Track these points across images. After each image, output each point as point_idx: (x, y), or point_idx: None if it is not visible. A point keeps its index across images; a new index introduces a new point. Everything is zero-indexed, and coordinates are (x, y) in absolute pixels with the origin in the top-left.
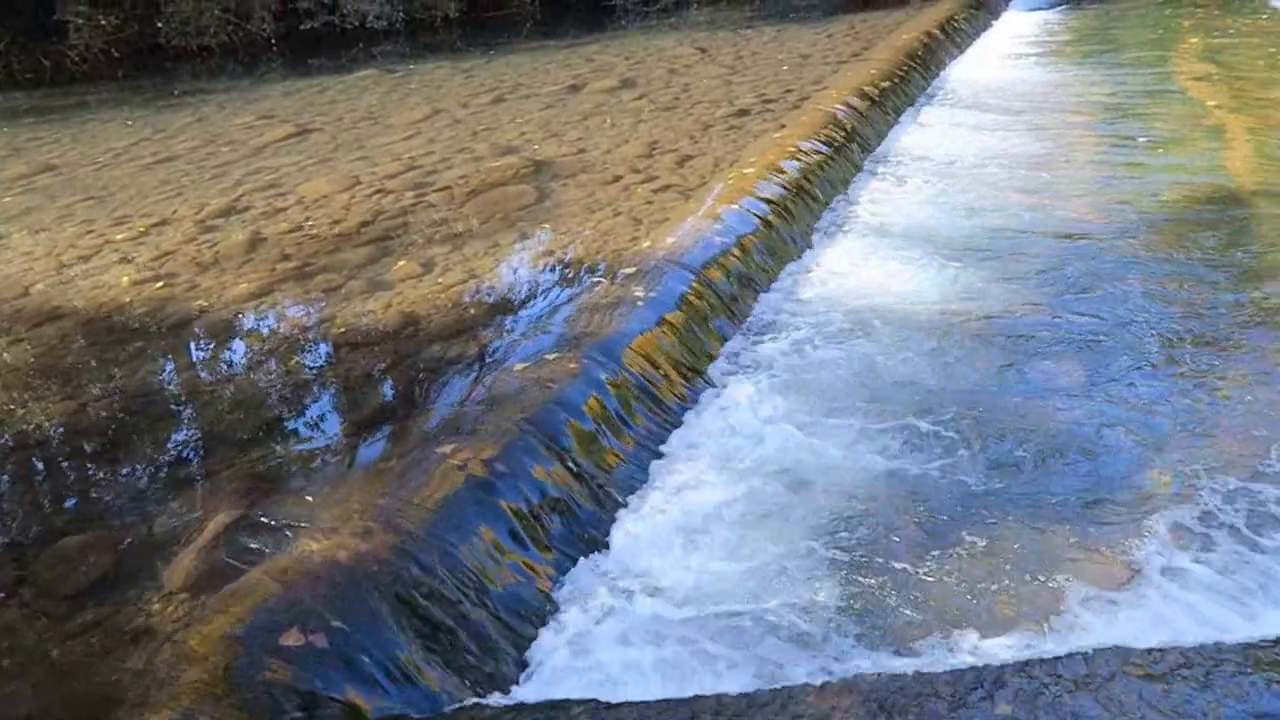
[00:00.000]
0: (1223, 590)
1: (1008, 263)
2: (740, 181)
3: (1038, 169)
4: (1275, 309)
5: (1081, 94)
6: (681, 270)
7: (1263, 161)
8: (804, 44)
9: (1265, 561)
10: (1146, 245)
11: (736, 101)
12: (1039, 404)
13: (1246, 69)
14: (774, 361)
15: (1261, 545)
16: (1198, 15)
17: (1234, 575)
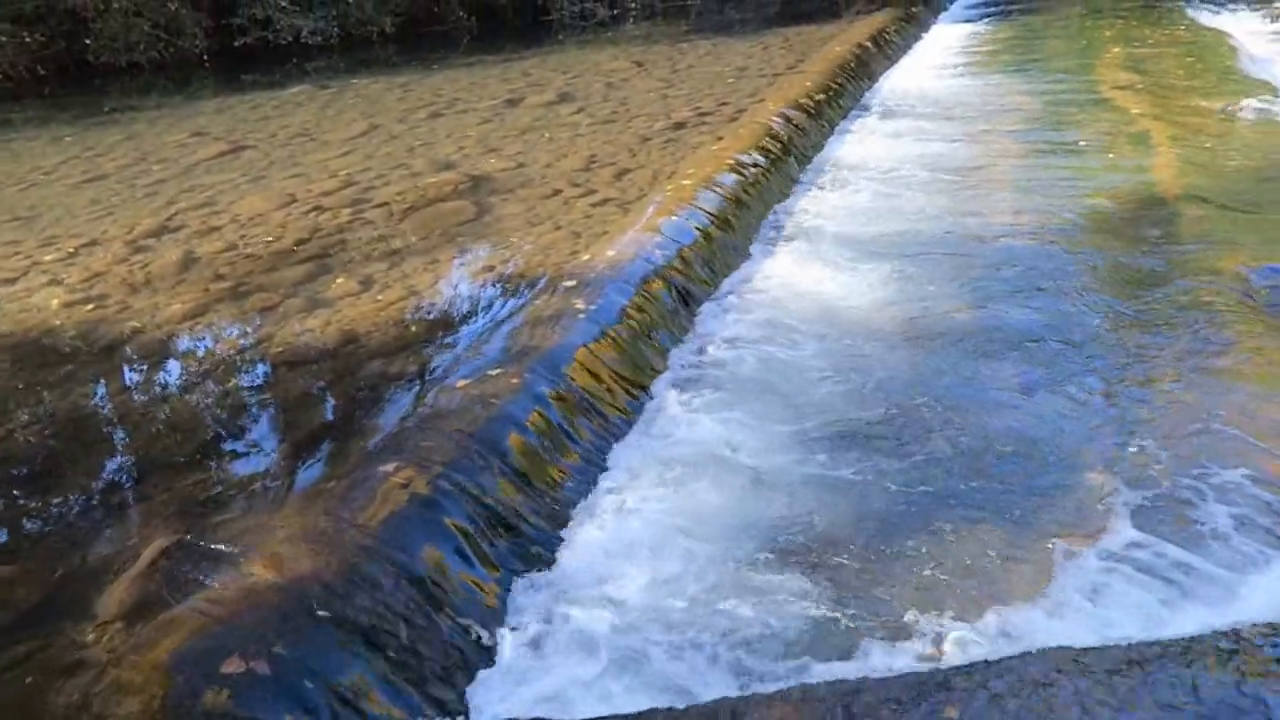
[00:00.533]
0: (1158, 586)
1: (943, 267)
2: (679, 194)
3: (970, 176)
4: (1202, 308)
5: (1010, 102)
6: (622, 283)
7: (1185, 167)
8: (739, 57)
9: (1197, 558)
10: (1077, 247)
11: (674, 115)
12: (978, 404)
13: (1167, 78)
14: (716, 372)
15: (1194, 541)
16: (1119, 26)
17: (1169, 572)
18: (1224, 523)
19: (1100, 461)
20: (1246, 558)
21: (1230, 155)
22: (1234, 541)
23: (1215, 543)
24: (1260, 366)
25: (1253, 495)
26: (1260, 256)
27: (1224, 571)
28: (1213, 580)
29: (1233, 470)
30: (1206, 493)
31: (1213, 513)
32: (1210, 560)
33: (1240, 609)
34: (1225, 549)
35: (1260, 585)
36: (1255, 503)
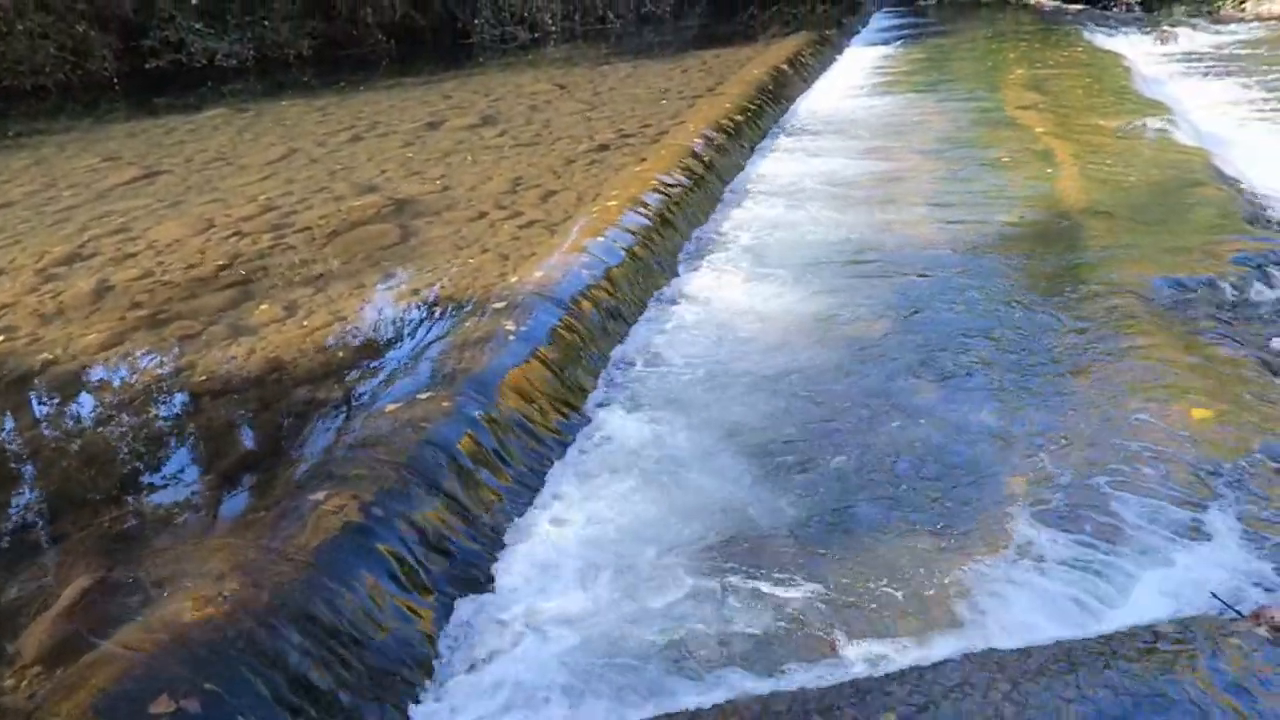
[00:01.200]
0: (1077, 590)
1: (862, 281)
2: (604, 214)
3: (887, 192)
4: (1108, 317)
5: (922, 122)
6: (551, 304)
7: (1087, 183)
8: (660, 79)
9: (1112, 562)
10: (989, 260)
11: (597, 136)
12: (895, 411)
13: (1068, 98)
14: (646, 390)
15: (1108, 547)
16: (1022, 48)
17: (1085, 576)
18: (1132, 521)
19: (1014, 466)
20: (1154, 554)
21: (1129, 172)
22: (1141, 539)
23: (1124, 540)
24: (1163, 373)
25: (1158, 494)
26: (1161, 268)
27: (1133, 568)
28: (1124, 577)
29: (1138, 470)
30: (1115, 493)
31: (1121, 512)
32: (1120, 558)
33: (1150, 604)
34: (1133, 547)
35: (1168, 578)
36: (1160, 501)
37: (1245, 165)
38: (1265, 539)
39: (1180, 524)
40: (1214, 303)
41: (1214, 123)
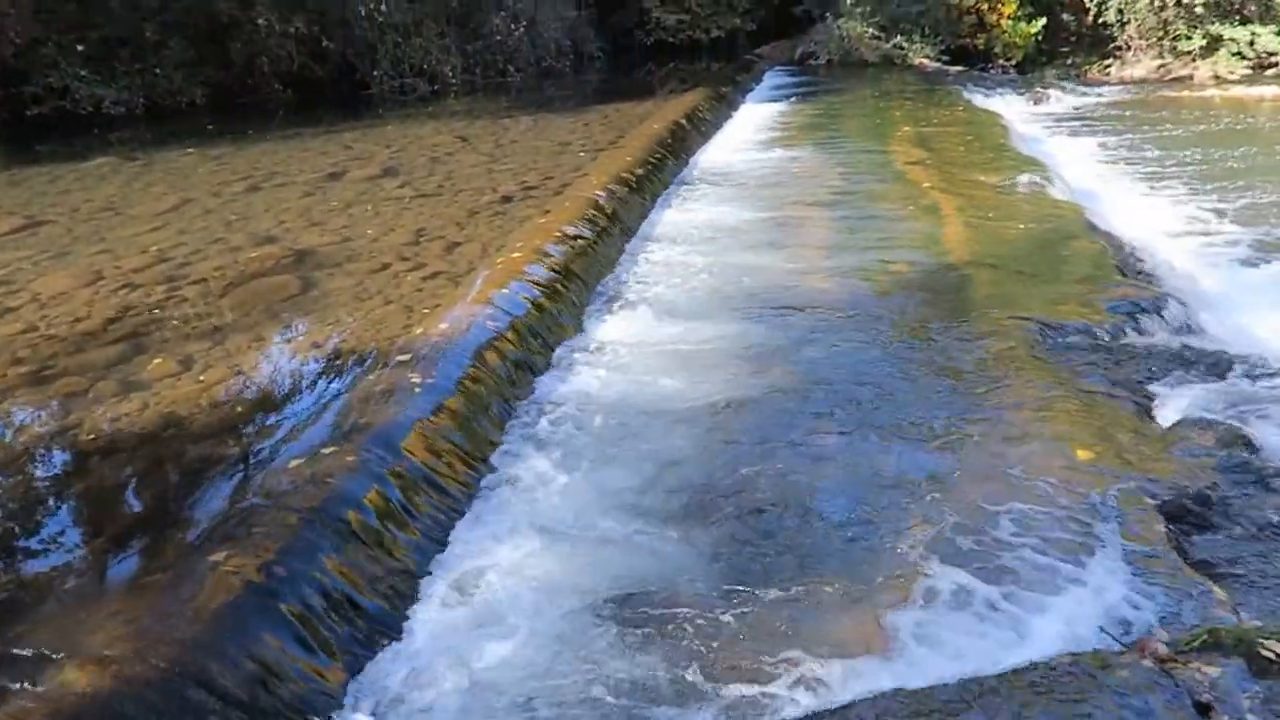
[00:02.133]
0: (978, 629)
1: (762, 331)
2: (509, 265)
3: (784, 244)
4: (995, 363)
5: (816, 176)
6: (457, 355)
7: (971, 234)
8: (562, 132)
9: (1010, 600)
10: (882, 309)
11: (500, 188)
12: (797, 459)
13: (952, 154)
14: (552, 442)
15: (1005, 586)
16: (907, 107)
17: (985, 615)
18: (1026, 559)
19: (912, 508)
20: (1046, 591)
21: (1010, 224)
22: (1034, 577)
23: (1019, 579)
24: (1048, 415)
25: (1049, 532)
26: (1042, 315)
27: (1029, 605)
28: (1021, 615)
29: (1029, 510)
30: (1009, 533)
31: (1015, 551)
32: (1016, 596)
33: (1045, 640)
34: (1028, 585)
35: (1061, 615)
36: (1051, 539)
37: (1114, 218)
38: (1146, 573)
39: (1070, 561)
40: (1092, 348)
41: (1085, 178)
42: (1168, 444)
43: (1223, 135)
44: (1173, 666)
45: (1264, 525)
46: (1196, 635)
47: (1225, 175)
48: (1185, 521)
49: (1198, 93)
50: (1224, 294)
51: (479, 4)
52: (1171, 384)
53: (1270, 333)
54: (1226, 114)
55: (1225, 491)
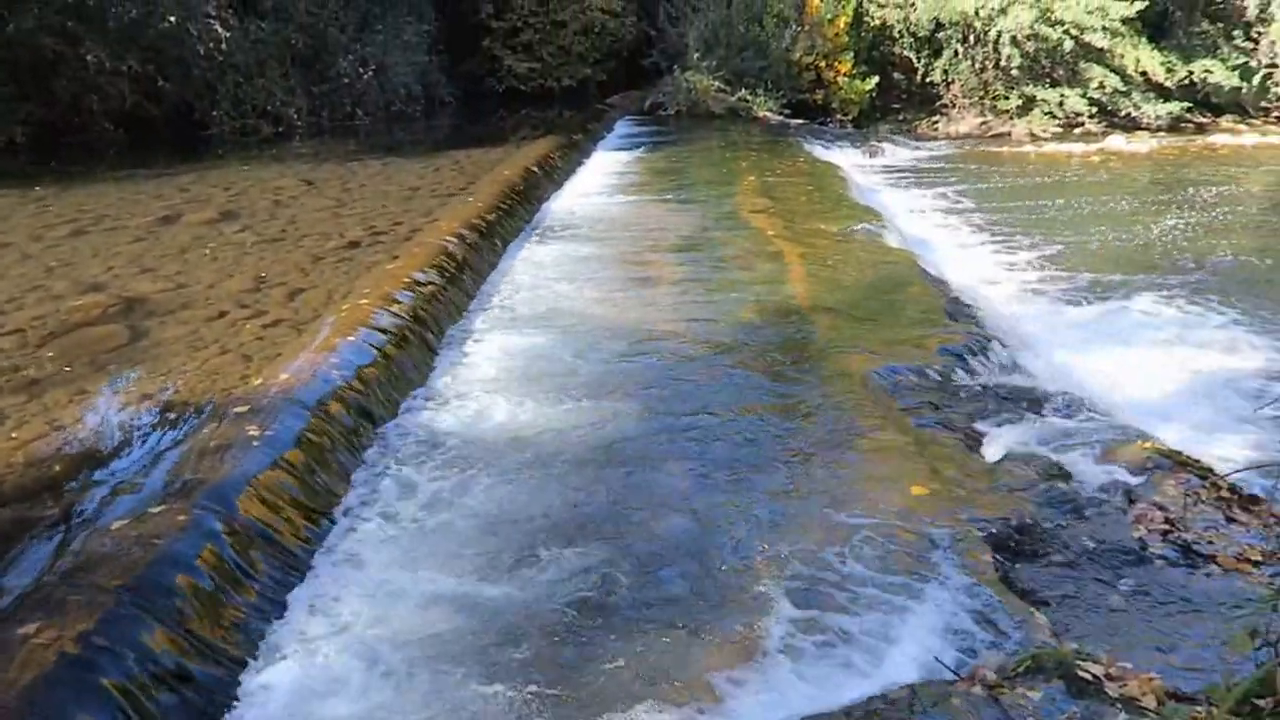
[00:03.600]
0: (823, 666)
1: (613, 379)
2: (355, 313)
3: (634, 293)
4: (839, 405)
5: (665, 223)
6: (298, 406)
7: (814, 282)
8: (412, 177)
9: (851, 636)
10: (730, 355)
11: (347, 234)
12: (650, 508)
13: (794, 203)
14: (399, 495)
15: (847, 622)
16: (752, 158)
17: (829, 652)
18: (866, 596)
19: (759, 549)
20: (886, 626)
21: (849, 272)
22: (874, 612)
23: (861, 615)
24: (885, 455)
25: (888, 569)
26: (879, 358)
27: (870, 640)
28: (863, 650)
29: (869, 548)
30: (850, 570)
31: (856, 588)
32: (857, 632)
33: (886, 672)
34: (868, 620)
35: (900, 648)
36: (890, 576)
37: (944, 265)
38: (977, 604)
39: (907, 595)
40: (924, 388)
41: (917, 227)
42: (994, 478)
43: (1038, 188)
44: (1000, 692)
45: (1080, 552)
46: (1021, 661)
47: (1041, 225)
48: (1011, 551)
49: (1016, 148)
50: (1041, 335)
51: (326, 46)
52: (996, 421)
53: (1083, 370)
54: (1041, 168)
55: (1045, 521)
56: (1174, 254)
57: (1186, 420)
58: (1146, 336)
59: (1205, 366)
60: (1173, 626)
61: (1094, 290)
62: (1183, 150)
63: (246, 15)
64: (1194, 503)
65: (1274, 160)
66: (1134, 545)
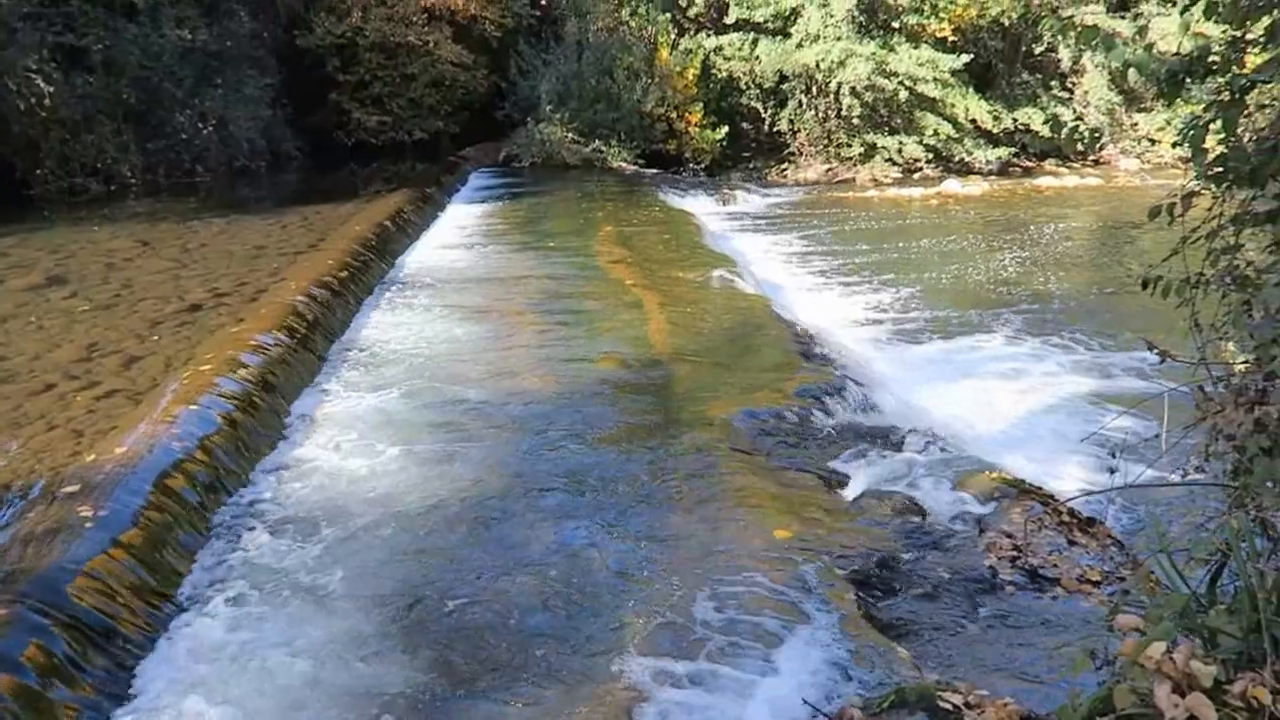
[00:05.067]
0: (697, 714)
1: (476, 436)
2: (198, 380)
3: (494, 347)
4: (700, 451)
5: (524, 276)
6: (137, 482)
7: (673, 329)
8: (257, 235)
9: (723, 682)
10: (592, 405)
11: (188, 297)
12: (516, 566)
13: (651, 252)
14: (248, 570)
15: (718, 669)
16: (609, 208)
17: (702, 699)
18: (736, 641)
19: (630, 601)
20: (756, 669)
21: (705, 318)
22: (745, 657)
23: (731, 661)
24: (749, 499)
25: (756, 612)
26: (739, 403)
27: (741, 685)
28: (735, 695)
29: (736, 593)
30: (719, 616)
31: (725, 634)
32: (728, 678)
33: (757, 713)
34: (739, 665)
35: (770, 691)
36: (758, 619)
37: (797, 308)
38: (842, 642)
39: (774, 639)
40: (784, 431)
41: (770, 272)
42: (853, 516)
43: (883, 231)
44: None
45: (938, 583)
46: (886, 696)
47: (887, 266)
48: (872, 587)
49: (861, 193)
50: (892, 373)
51: (160, 101)
52: (854, 459)
53: (931, 405)
54: (885, 212)
55: (904, 555)
56: (1010, 290)
57: (1028, 449)
58: (990, 370)
59: (1043, 396)
60: (1025, 650)
61: (939, 327)
62: (1012, 192)
63: (73, 69)
64: (1038, 529)
65: (1092, 200)
66: (986, 573)
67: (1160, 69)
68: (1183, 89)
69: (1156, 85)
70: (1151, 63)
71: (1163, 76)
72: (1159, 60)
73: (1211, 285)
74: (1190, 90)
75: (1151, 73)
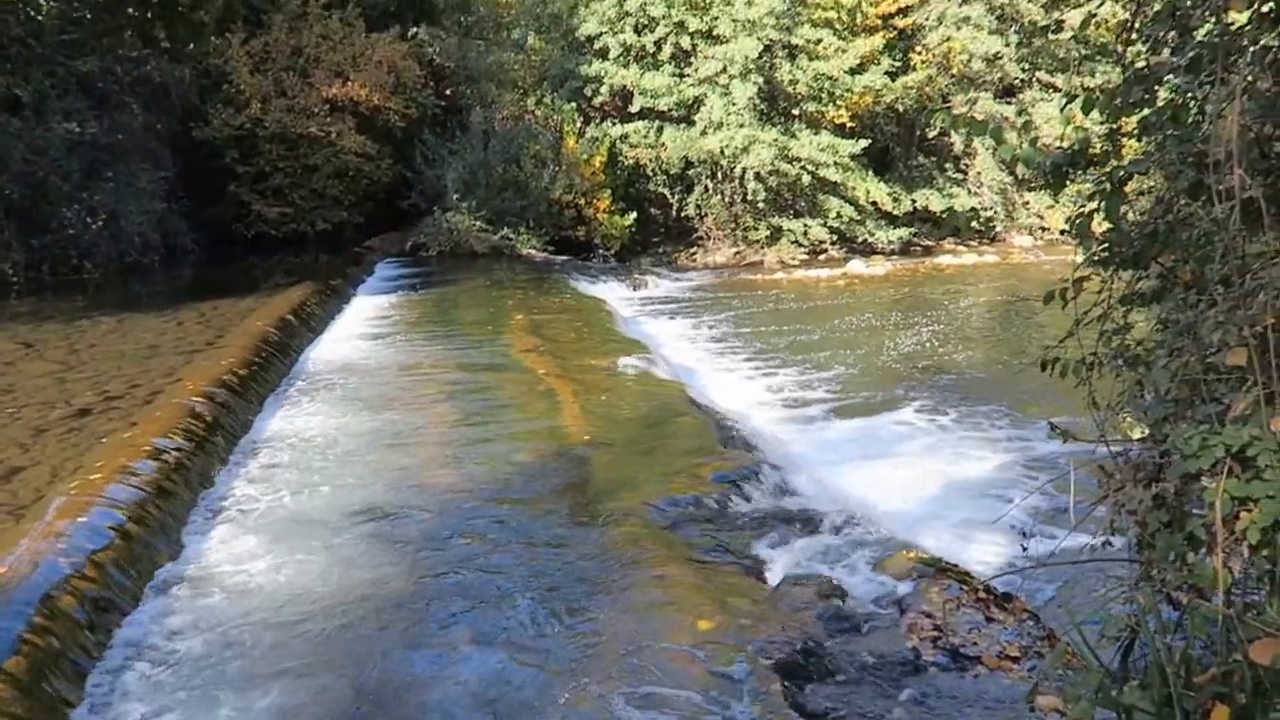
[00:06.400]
0: None
1: (384, 538)
2: (87, 490)
3: (404, 443)
4: (620, 544)
5: (434, 369)
6: (17, 605)
7: (588, 418)
8: (151, 333)
9: None
10: (507, 502)
11: (75, 401)
12: (434, 670)
13: (563, 340)
14: (142, 691)
15: None
16: (519, 296)
17: None
18: None
19: (553, 702)
20: None
21: (621, 406)
22: None
23: None
24: (670, 590)
25: (679, 709)
26: (657, 491)
27: None
28: None
29: (661, 689)
30: (644, 714)
31: None
32: None
33: None
34: None
35: None
36: (684, 712)
37: (711, 392)
38: None
39: None
40: (703, 519)
41: (683, 356)
42: (775, 602)
43: (793, 312)
44: None
45: (862, 667)
46: None
47: (798, 347)
48: (798, 676)
49: (769, 275)
50: (808, 455)
51: (46, 195)
52: (774, 544)
53: (848, 484)
54: (793, 294)
55: (828, 640)
56: (920, 367)
57: (944, 524)
58: (904, 448)
59: (958, 471)
60: None
61: (854, 406)
62: (914, 271)
63: None
64: (956, 607)
65: (991, 277)
66: (909, 655)
67: (1045, 161)
68: (1066, 180)
69: (1042, 176)
70: (1037, 156)
71: (1048, 168)
72: (1043, 154)
73: (1105, 365)
74: (1073, 178)
75: (1037, 165)
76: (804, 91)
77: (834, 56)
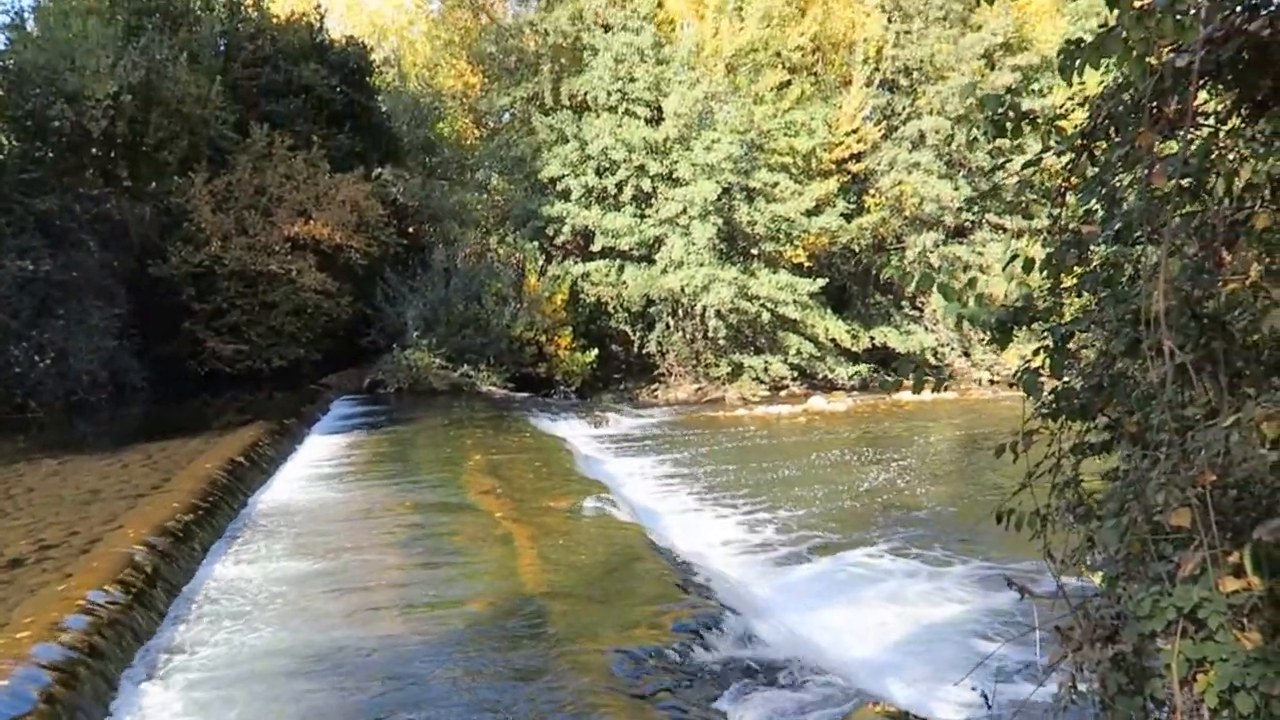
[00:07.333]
0: None
1: (336, 689)
2: (11, 650)
3: (356, 592)
4: (576, 699)
5: (387, 513)
6: None
7: (545, 564)
8: (93, 477)
9: None
10: (461, 652)
11: (7, 551)
12: None
13: (521, 481)
14: None
15: None
16: (478, 435)
17: None
18: None
19: None
20: None
21: (579, 550)
22: None
23: None
24: None
25: None
26: (616, 642)
27: None
28: None
29: None
30: None
31: None
32: None
33: None
34: None
35: None
36: None
37: (672, 534)
38: None
39: None
40: (664, 670)
41: (644, 497)
42: None
43: (754, 450)
44: None
45: None
46: None
47: (760, 486)
48: None
49: (730, 411)
50: (772, 599)
51: None
52: (738, 698)
53: (810, 631)
54: (755, 430)
55: None
56: (882, 507)
57: (911, 676)
58: (868, 593)
59: (922, 616)
60: None
61: (817, 548)
62: (874, 407)
63: None
64: None
65: (949, 414)
66: None
67: (991, 319)
68: (1011, 336)
69: (989, 333)
70: (982, 314)
71: (993, 325)
72: (989, 311)
73: (1058, 519)
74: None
75: (983, 323)
76: (762, 232)
77: (791, 199)
